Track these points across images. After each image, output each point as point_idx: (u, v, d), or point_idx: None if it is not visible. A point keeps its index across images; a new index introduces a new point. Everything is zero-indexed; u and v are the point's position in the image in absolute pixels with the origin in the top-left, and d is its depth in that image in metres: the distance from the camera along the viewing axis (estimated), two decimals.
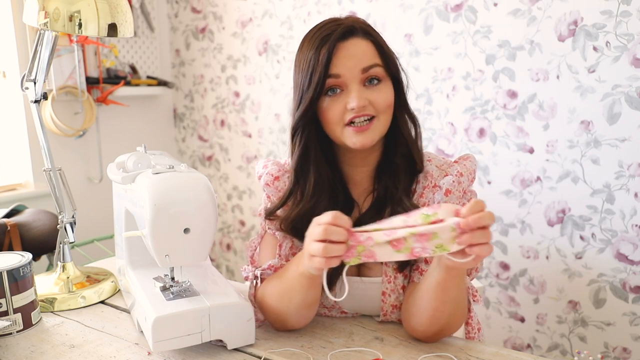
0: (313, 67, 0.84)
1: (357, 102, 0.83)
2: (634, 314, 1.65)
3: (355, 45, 0.85)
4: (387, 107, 0.86)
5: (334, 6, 2.14)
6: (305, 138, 0.89)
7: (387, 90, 0.86)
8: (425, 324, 0.82)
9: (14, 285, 0.88)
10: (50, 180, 1.06)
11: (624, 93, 1.57)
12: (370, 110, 0.85)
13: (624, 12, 1.53)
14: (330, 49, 0.83)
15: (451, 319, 0.82)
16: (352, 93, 0.84)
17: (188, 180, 0.79)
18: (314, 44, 0.85)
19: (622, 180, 1.61)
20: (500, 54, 1.78)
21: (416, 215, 0.70)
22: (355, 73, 0.84)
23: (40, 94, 1.02)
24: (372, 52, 0.86)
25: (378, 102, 0.85)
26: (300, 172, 0.90)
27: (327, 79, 0.84)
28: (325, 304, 0.94)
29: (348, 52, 0.84)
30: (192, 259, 0.81)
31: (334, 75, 0.84)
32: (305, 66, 0.86)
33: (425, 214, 0.69)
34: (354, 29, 0.86)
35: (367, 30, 0.87)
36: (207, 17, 2.56)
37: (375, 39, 0.87)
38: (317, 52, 0.84)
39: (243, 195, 2.61)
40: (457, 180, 0.89)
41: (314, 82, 0.84)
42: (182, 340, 0.78)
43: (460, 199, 0.89)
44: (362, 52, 0.85)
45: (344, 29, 0.85)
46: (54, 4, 0.90)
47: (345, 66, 0.84)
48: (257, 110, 2.47)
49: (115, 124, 2.49)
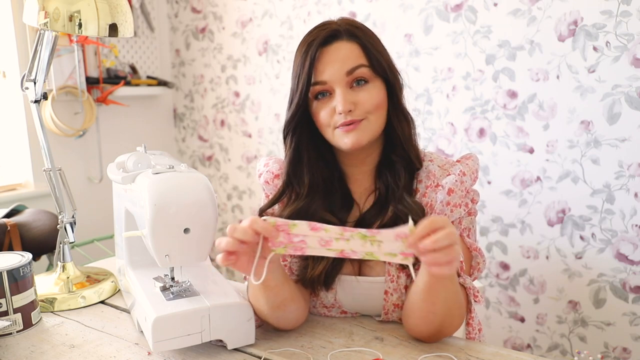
0: (299, 74, 0.87)
1: (343, 107, 0.84)
2: (634, 314, 1.65)
3: (338, 49, 0.86)
4: (375, 107, 0.87)
5: (334, 6, 2.14)
6: (296, 141, 0.91)
7: (374, 90, 0.87)
8: (421, 324, 0.82)
9: (14, 285, 0.88)
10: (50, 180, 1.06)
11: (624, 93, 1.57)
12: (357, 115, 0.86)
13: (624, 12, 1.53)
14: (312, 56, 0.85)
15: (446, 320, 0.81)
16: (338, 97, 0.85)
17: (188, 180, 0.79)
18: (301, 50, 0.87)
19: (622, 180, 1.61)
20: (500, 54, 1.78)
21: (353, 232, 0.71)
22: (339, 77, 0.85)
23: (40, 94, 1.02)
24: (356, 53, 0.86)
25: (365, 103, 0.86)
26: (292, 174, 0.91)
27: (314, 86, 0.86)
28: (325, 303, 0.93)
29: (331, 57, 0.85)
30: (192, 259, 0.81)
31: (320, 82, 0.86)
32: (294, 72, 0.89)
33: (363, 235, 0.71)
34: (338, 32, 0.86)
35: (352, 31, 0.87)
36: (207, 17, 2.56)
37: (362, 40, 0.87)
38: (303, 59, 0.86)
39: (243, 195, 2.61)
40: (460, 180, 0.88)
41: (299, 89, 0.87)
42: (182, 340, 0.78)
43: (463, 199, 0.89)
44: (345, 55, 0.85)
45: (327, 33, 0.86)
46: (54, 4, 0.90)
47: (329, 72, 0.85)
48: (257, 110, 2.47)
49: (115, 124, 2.49)
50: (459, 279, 0.86)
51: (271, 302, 0.82)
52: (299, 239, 0.72)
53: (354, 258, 0.72)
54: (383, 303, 0.90)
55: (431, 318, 0.80)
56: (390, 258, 0.71)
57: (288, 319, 0.87)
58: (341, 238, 0.71)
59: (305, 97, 0.87)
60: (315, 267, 0.88)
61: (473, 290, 0.87)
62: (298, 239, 0.72)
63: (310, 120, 0.90)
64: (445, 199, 0.87)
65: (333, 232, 0.71)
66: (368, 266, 0.91)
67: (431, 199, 0.89)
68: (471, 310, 0.89)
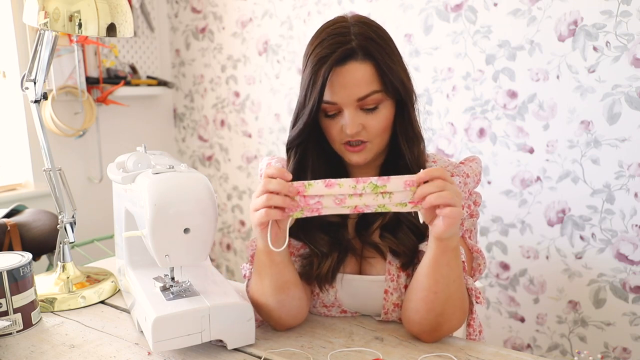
0: (309, 91, 0.84)
1: (350, 130, 0.85)
2: (634, 314, 1.65)
3: (351, 71, 0.82)
4: (381, 132, 0.88)
5: (334, 6, 2.14)
6: (301, 153, 0.91)
7: (382, 115, 0.87)
8: (421, 309, 0.82)
9: (14, 285, 0.88)
10: (50, 180, 1.05)
11: (624, 93, 1.57)
12: (363, 136, 0.87)
13: (624, 12, 1.53)
14: (325, 75, 0.82)
15: (447, 309, 0.81)
16: (347, 119, 0.85)
17: (188, 180, 0.79)
18: (313, 63, 0.83)
19: (622, 180, 1.61)
20: (500, 54, 1.78)
21: (365, 183, 0.73)
22: (350, 101, 0.84)
23: (40, 94, 1.02)
24: (370, 77, 0.83)
25: (372, 128, 0.86)
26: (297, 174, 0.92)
27: (323, 105, 0.85)
28: (326, 302, 0.94)
29: (344, 79, 0.83)
30: (192, 259, 0.81)
31: (330, 102, 0.85)
32: (303, 85, 0.86)
33: (374, 184, 0.73)
34: (354, 51, 0.82)
35: (368, 49, 0.83)
36: (207, 17, 2.56)
37: (377, 60, 0.83)
38: (314, 76, 0.83)
39: (243, 195, 2.61)
40: (464, 181, 0.90)
41: (309, 106, 0.84)
42: (182, 340, 0.78)
43: (466, 200, 0.90)
44: (359, 81, 0.83)
45: (343, 52, 0.82)
46: (53, 4, 0.90)
47: (340, 95, 0.84)
48: (257, 110, 2.47)
49: (115, 124, 2.49)
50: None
51: (275, 280, 0.83)
52: (315, 200, 0.74)
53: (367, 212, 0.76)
54: (383, 302, 0.90)
55: (432, 299, 0.80)
56: (400, 208, 0.74)
57: (290, 306, 0.86)
58: (354, 194, 0.74)
59: (316, 115, 0.86)
60: (322, 265, 0.89)
61: (475, 291, 0.87)
62: (314, 200, 0.75)
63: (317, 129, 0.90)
64: None
65: (346, 185, 0.73)
66: (369, 265, 0.91)
67: None
68: (472, 311, 0.89)
